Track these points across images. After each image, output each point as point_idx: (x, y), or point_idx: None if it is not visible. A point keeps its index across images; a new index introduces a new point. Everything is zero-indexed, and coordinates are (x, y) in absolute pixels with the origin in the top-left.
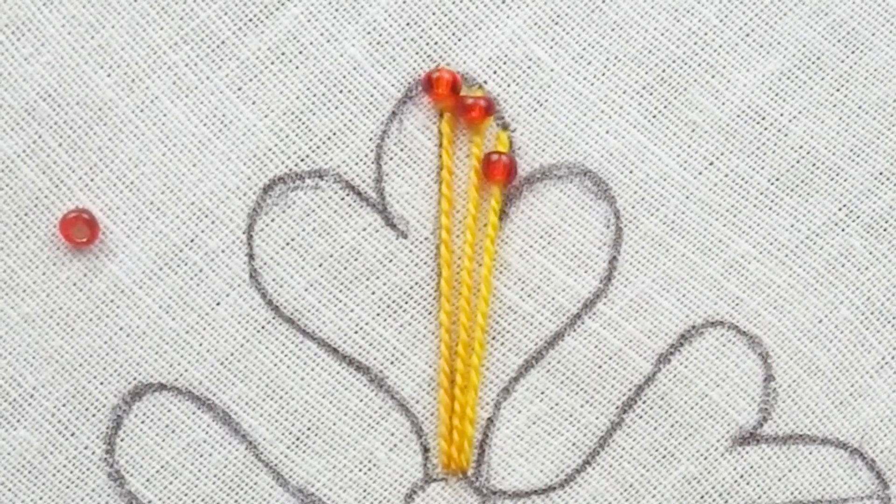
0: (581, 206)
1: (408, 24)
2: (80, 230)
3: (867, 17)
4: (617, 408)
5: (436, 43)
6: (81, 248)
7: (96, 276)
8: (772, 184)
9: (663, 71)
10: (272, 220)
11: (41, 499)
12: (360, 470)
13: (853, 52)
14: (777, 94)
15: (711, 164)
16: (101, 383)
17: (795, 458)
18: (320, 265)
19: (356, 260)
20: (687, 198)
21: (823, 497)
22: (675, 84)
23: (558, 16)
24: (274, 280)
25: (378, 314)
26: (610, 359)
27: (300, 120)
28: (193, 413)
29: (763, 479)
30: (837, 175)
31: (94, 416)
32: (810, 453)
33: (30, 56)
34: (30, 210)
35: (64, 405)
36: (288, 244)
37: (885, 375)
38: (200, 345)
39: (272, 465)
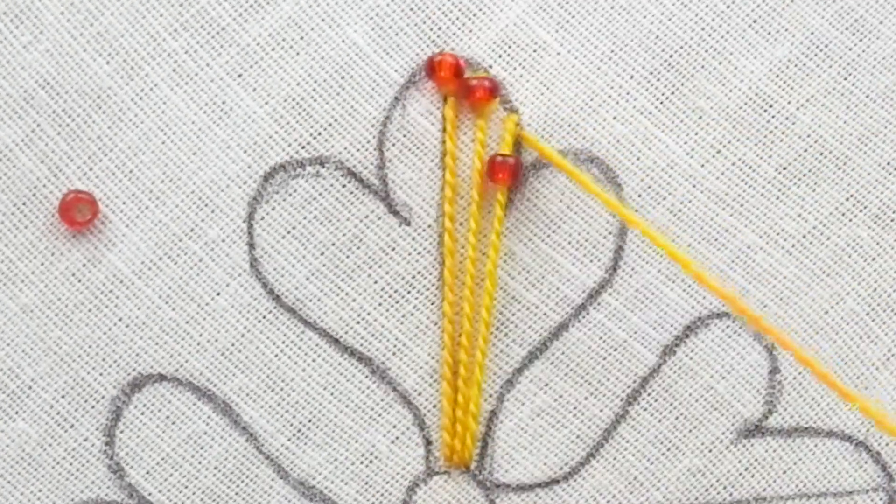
0: (587, 195)
1: (410, 8)
2: (82, 209)
3: (875, 5)
4: (622, 400)
5: (439, 28)
6: (82, 229)
7: (95, 266)
8: (779, 173)
9: (670, 56)
10: (273, 209)
11: (40, 491)
12: (362, 462)
13: (861, 40)
14: (784, 82)
15: (718, 152)
16: (101, 374)
17: (801, 451)
18: (322, 254)
19: (358, 248)
20: (694, 186)
21: (829, 490)
22: (682, 70)
23: (565, 0)
24: (275, 269)
25: (380, 304)
26: (615, 350)
27: (301, 107)
28: (193, 404)
29: (768, 471)
30: (845, 164)
31: (93, 407)
32: (815, 446)
33: (28, 44)
34: (28, 199)
35: (63, 397)
36: (289, 233)
37: (891, 367)
38: (201, 335)
39: (273, 458)
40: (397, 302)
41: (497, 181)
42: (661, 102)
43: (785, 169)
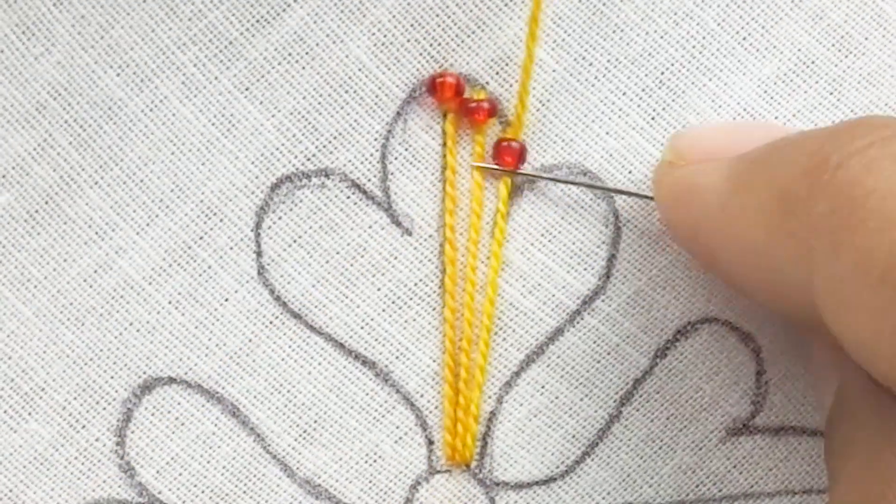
0: (581, 206)
1: (412, 25)
2: None
3: (861, 22)
4: (615, 401)
5: (439, 44)
6: None
7: (106, 272)
8: None
9: (662, 74)
10: (279, 218)
11: (52, 490)
12: (366, 462)
13: (846, 57)
14: (772, 98)
15: None
16: (112, 377)
17: (787, 449)
18: (327, 262)
19: (362, 257)
20: None
21: (813, 486)
22: (673, 87)
23: (560, 18)
24: (281, 276)
25: (383, 310)
26: (608, 354)
27: (307, 120)
28: (203, 406)
29: (756, 468)
30: None
31: (104, 409)
32: (801, 444)
33: (40, 55)
34: (40, 207)
35: (75, 398)
36: (295, 241)
37: None
38: (209, 339)
39: (280, 457)
40: (400, 308)
41: (504, 164)
42: (653, 118)
43: None
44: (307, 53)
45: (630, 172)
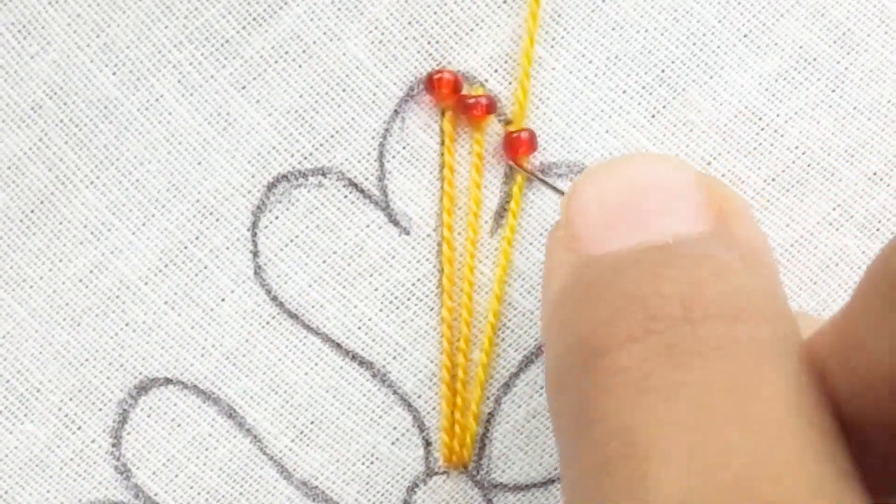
0: None
1: (409, 22)
2: None
3: (863, 19)
4: None
5: (437, 41)
6: None
7: (102, 272)
8: (767, 184)
9: (662, 71)
10: (276, 218)
11: (48, 492)
12: (363, 463)
13: (848, 54)
14: (773, 95)
15: (709, 164)
16: (108, 378)
17: None
18: (324, 262)
19: (359, 256)
20: None
21: None
22: (673, 84)
23: (559, 15)
24: (278, 276)
25: (381, 310)
26: None
27: (303, 118)
28: (199, 407)
29: None
30: (832, 175)
31: (100, 410)
32: None
33: (35, 54)
34: (36, 207)
35: (70, 399)
36: (292, 241)
37: None
38: (206, 340)
39: (276, 459)
40: (397, 308)
41: (517, 155)
42: (654, 116)
43: (773, 180)
44: (304, 51)
45: None
